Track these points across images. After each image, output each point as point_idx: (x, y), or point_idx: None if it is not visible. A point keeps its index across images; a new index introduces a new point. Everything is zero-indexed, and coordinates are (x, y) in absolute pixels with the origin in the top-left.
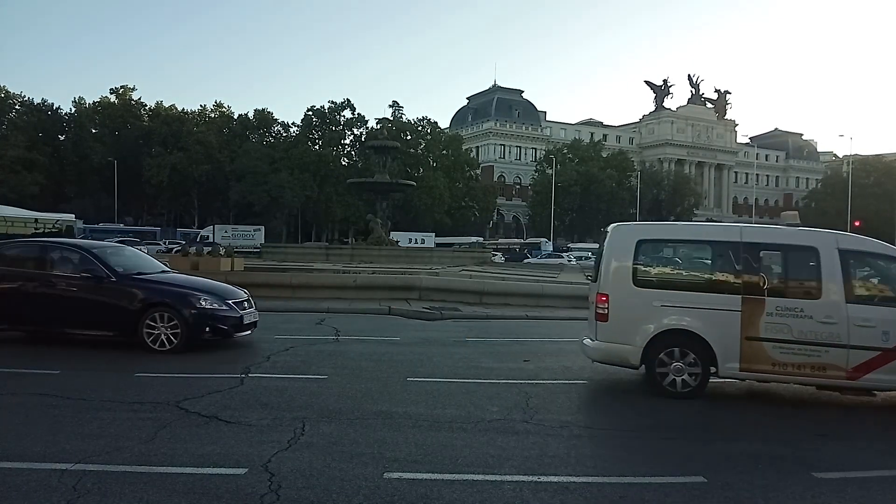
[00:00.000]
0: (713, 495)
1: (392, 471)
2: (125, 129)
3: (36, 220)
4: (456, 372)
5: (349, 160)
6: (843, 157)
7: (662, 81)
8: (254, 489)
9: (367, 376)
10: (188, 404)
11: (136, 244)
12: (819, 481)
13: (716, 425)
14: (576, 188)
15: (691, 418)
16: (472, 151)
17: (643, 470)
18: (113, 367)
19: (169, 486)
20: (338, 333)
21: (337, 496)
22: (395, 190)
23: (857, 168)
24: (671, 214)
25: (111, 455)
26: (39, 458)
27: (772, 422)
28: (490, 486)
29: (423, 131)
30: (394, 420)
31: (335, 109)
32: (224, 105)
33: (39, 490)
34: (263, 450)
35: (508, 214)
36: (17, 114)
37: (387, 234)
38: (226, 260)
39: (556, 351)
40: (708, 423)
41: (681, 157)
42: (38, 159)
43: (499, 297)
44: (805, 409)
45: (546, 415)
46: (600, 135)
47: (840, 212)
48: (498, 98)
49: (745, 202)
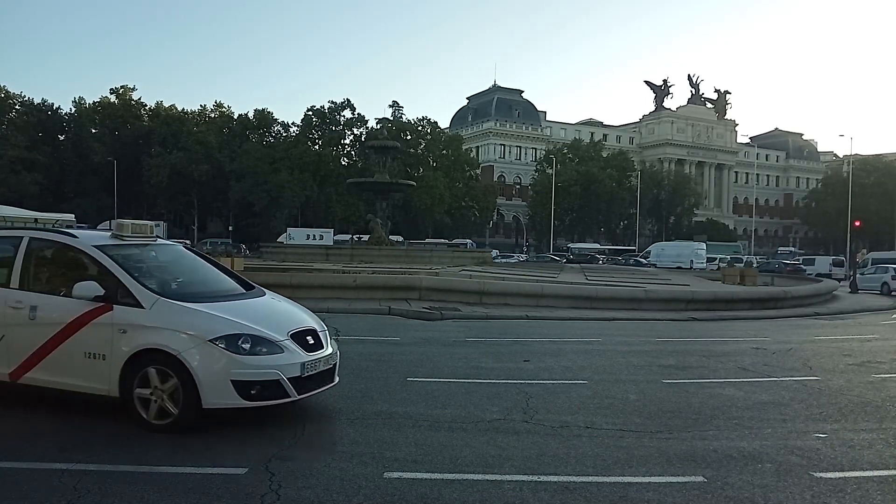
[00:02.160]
0: (713, 495)
1: (392, 470)
2: (125, 129)
3: (35, 220)
4: (456, 372)
5: (349, 160)
6: (843, 157)
7: (662, 81)
8: (254, 489)
9: (367, 376)
10: None
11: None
12: (819, 481)
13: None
14: (576, 188)
15: (699, 413)
16: (472, 151)
17: (643, 470)
18: None
19: (169, 486)
20: (338, 333)
21: (337, 496)
22: (395, 190)
23: (857, 168)
24: (671, 214)
25: (111, 455)
26: (40, 458)
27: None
28: (490, 486)
29: (423, 131)
30: (394, 420)
31: (335, 109)
32: (224, 105)
33: (40, 490)
34: (263, 450)
35: (508, 214)
36: (17, 114)
37: (387, 234)
38: (225, 260)
39: (556, 351)
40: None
41: (681, 157)
42: (37, 159)
43: (499, 297)
44: (805, 408)
45: (546, 415)
46: (600, 135)
47: (840, 212)
48: (498, 98)
49: (746, 202)
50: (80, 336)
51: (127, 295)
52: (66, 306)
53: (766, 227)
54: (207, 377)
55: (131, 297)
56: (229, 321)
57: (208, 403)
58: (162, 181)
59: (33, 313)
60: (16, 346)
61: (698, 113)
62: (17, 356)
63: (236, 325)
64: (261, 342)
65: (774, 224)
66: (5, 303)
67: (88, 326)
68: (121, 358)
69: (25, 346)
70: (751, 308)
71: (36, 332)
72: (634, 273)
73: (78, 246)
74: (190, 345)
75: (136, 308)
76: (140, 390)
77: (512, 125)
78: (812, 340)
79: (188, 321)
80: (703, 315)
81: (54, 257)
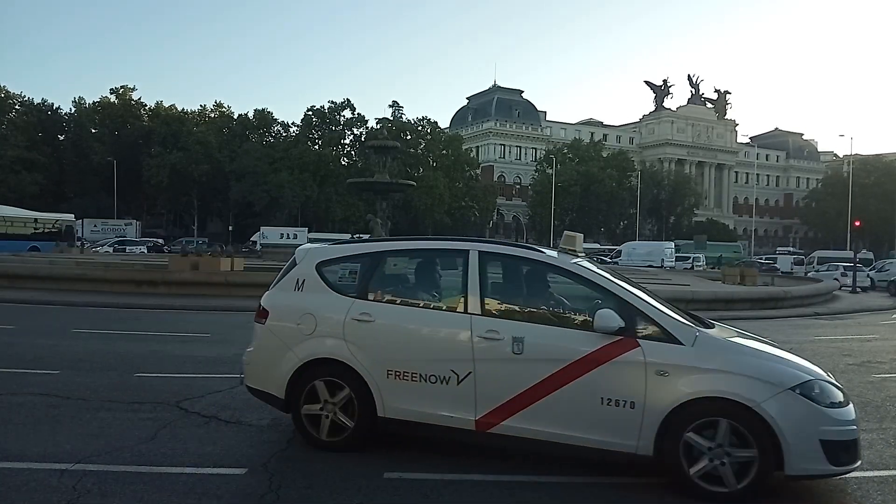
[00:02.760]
0: None
1: (392, 470)
2: (125, 129)
3: (35, 220)
4: None
5: (349, 160)
6: (843, 157)
7: (662, 81)
8: (254, 489)
9: None
10: (188, 404)
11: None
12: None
13: None
14: (576, 188)
15: None
16: (472, 151)
17: (643, 470)
18: (113, 367)
19: (169, 486)
20: None
21: (337, 496)
22: (395, 190)
23: (857, 168)
24: (671, 214)
25: (111, 455)
26: (40, 458)
27: None
28: (490, 486)
29: (423, 131)
30: None
31: (335, 109)
32: (224, 105)
33: (40, 490)
34: (263, 450)
35: (508, 214)
36: (17, 114)
37: (387, 234)
38: (226, 260)
39: None
40: None
41: (681, 157)
42: (37, 159)
43: None
44: None
45: None
46: (600, 135)
47: (840, 212)
48: (498, 98)
49: (746, 202)
50: (594, 377)
51: (651, 326)
52: (570, 339)
53: (766, 227)
54: (795, 436)
55: (660, 330)
56: (792, 363)
57: (794, 470)
58: (162, 181)
59: (518, 346)
60: (489, 386)
61: (698, 113)
62: (489, 399)
63: (802, 368)
64: (831, 392)
65: (774, 224)
66: (472, 331)
67: (607, 366)
68: (661, 408)
69: (504, 387)
70: (751, 308)
71: (521, 371)
72: (634, 273)
73: (555, 264)
74: (767, 394)
75: (672, 344)
76: (694, 440)
77: (512, 125)
78: (812, 340)
79: (750, 362)
80: (704, 315)
81: (518, 276)
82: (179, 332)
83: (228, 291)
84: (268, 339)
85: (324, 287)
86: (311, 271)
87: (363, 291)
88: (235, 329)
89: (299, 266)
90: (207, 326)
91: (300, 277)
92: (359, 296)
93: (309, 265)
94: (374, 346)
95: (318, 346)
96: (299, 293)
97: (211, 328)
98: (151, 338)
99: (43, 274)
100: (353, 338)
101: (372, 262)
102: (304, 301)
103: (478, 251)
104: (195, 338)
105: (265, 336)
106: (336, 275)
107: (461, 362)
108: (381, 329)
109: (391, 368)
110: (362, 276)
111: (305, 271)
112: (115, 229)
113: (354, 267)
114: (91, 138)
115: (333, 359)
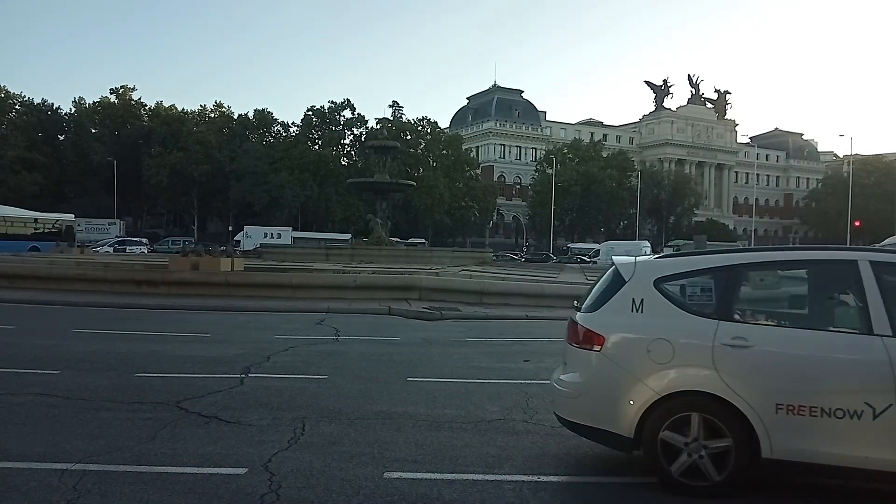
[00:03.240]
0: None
1: (392, 470)
2: (125, 129)
3: (36, 220)
4: (456, 372)
5: (349, 160)
6: (843, 157)
7: (662, 81)
8: (254, 489)
9: (367, 376)
10: (188, 404)
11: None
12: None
13: None
14: (576, 188)
15: None
16: (472, 151)
17: (643, 469)
18: (113, 367)
19: (169, 486)
20: (338, 333)
21: (337, 496)
22: (395, 190)
23: (857, 168)
24: (671, 214)
25: (111, 455)
26: (40, 458)
27: None
28: (490, 486)
29: (422, 131)
30: (394, 420)
31: (335, 109)
32: (224, 105)
33: (40, 490)
34: (263, 450)
35: (508, 214)
36: (17, 114)
37: (387, 234)
38: (226, 260)
39: (556, 351)
40: None
41: (681, 157)
42: (37, 159)
43: (499, 297)
44: None
45: (546, 415)
46: (600, 135)
47: (840, 212)
48: (498, 98)
49: (746, 202)
50: None
51: None
52: None
53: (766, 227)
54: None
55: None
56: None
57: None
58: (162, 181)
59: None
60: None
61: (698, 113)
62: None
63: None
64: None
65: (774, 224)
66: (889, 356)
67: None
68: None
69: None
70: None
71: None
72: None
73: None
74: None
75: None
76: None
77: (512, 125)
78: None
79: None
80: None
81: None
82: (179, 332)
83: (228, 291)
84: (607, 369)
85: (672, 307)
86: (650, 289)
87: (727, 312)
88: (235, 329)
89: (631, 283)
90: (207, 326)
91: (637, 297)
92: (722, 317)
93: (644, 282)
94: (757, 376)
95: (679, 377)
96: (640, 315)
97: (211, 328)
98: (151, 338)
99: (43, 274)
100: (727, 366)
101: (730, 276)
102: (650, 324)
103: (868, 261)
104: (195, 338)
105: (603, 366)
106: (683, 293)
107: (878, 393)
108: (765, 356)
109: (781, 402)
110: (722, 293)
111: (642, 290)
112: (98, 229)
113: (706, 283)
114: (91, 138)
115: (699, 391)
